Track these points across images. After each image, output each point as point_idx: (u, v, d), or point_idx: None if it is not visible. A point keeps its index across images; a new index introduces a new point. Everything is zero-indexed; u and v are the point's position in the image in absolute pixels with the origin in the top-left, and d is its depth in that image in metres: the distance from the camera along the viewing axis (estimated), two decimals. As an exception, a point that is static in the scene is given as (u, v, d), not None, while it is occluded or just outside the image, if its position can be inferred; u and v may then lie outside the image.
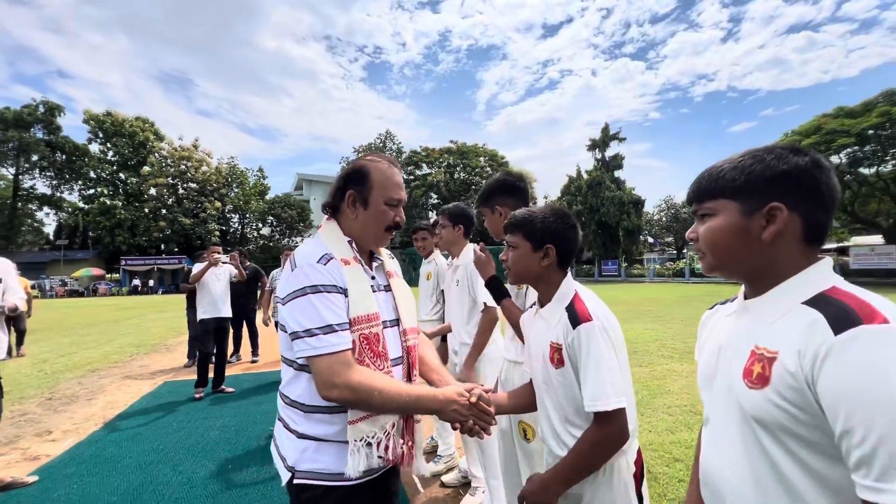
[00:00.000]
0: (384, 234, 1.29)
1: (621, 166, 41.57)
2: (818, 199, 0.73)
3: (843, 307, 0.64)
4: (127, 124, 39.88)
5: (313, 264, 1.14)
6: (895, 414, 0.55)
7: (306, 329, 1.08)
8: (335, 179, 1.31)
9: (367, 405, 1.10)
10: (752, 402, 0.70)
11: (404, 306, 1.34)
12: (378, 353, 1.17)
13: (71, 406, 4.77)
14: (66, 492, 2.84)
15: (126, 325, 12.69)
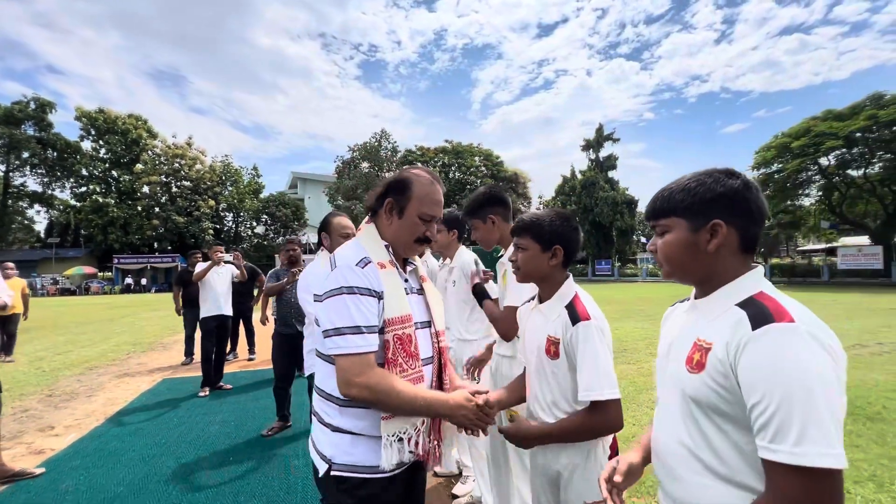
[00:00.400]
0: (413, 246, 1.34)
1: (615, 167, 41.91)
2: (750, 216, 0.87)
3: (762, 308, 0.79)
4: (119, 121, 39.61)
5: (352, 266, 1.20)
6: (788, 389, 0.69)
7: (336, 327, 1.14)
8: (380, 184, 1.37)
9: (383, 406, 1.15)
10: (691, 384, 0.85)
11: (436, 309, 1.40)
12: (410, 353, 1.23)
13: (71, 403, 4.85)
14: (73, 482, 2.95)
15: (120, 323, 12.71)
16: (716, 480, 0.82)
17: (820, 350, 0.72)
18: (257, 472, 3.08)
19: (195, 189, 39.89)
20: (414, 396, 1.16)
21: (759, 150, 26.79)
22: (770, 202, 27.01)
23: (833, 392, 0.71)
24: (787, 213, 28.61)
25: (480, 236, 2.23)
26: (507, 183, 46.25)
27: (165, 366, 6.74)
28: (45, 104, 38.86)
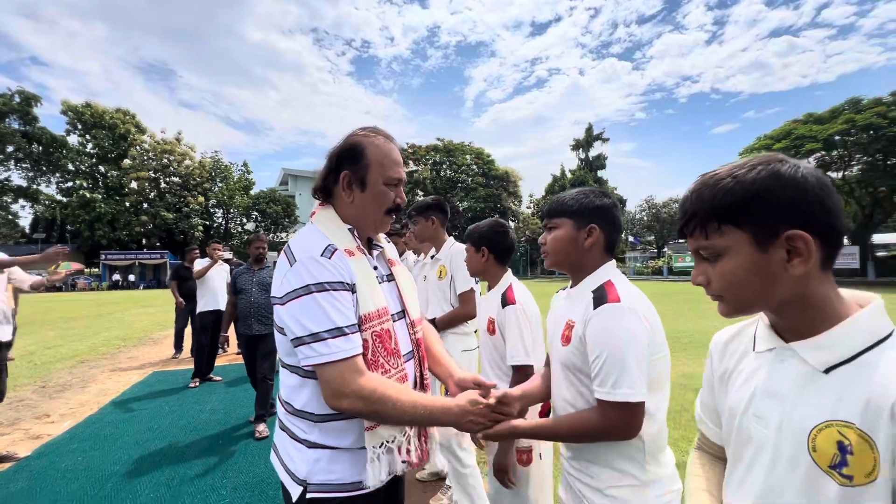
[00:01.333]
0: (385, 218, 1.18)
1: (604, 166, 42.52)
2: (615, 226, 1.18)
3: (603, 293, 1.08)
4: (107, 116, 39.12)
5: (316, 258, 1.02)
6: (610, 349, 1.00)
7: (312, 333, 0.98)
8: (326, 159, 1.18)
9: (378, 416, 1.00)
10: (564, 355, 1.14)
11: (409, 296, 1.25)
12: (391, 351, 1.09)
13: (65, 393, 5.02)
14: (71, 463, 3.16)
15: (109, 319, 12.76)
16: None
17: (635, 319, 1.02)
18: (245, 453, 3.31)
19: (184, 185, 39.60)
20: (413, 404, 1.00)
21: (743, 152, 27.39)
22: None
23: (640, 349, 1.00)
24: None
25: (418, 231, 2.53)
26: (498, 181, 46.56)
27: (156, 360, 6.91)
28: (30, 97, 38.24)
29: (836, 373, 0.61)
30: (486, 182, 45.77)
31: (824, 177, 0.63)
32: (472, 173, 46.68)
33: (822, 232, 0.61)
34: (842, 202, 0.66)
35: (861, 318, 0.62)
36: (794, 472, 0.62)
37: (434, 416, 1.04)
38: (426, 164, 45.72)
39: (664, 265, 34.20)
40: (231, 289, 4.10)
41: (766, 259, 0.64)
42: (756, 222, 0.63)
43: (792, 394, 0.65)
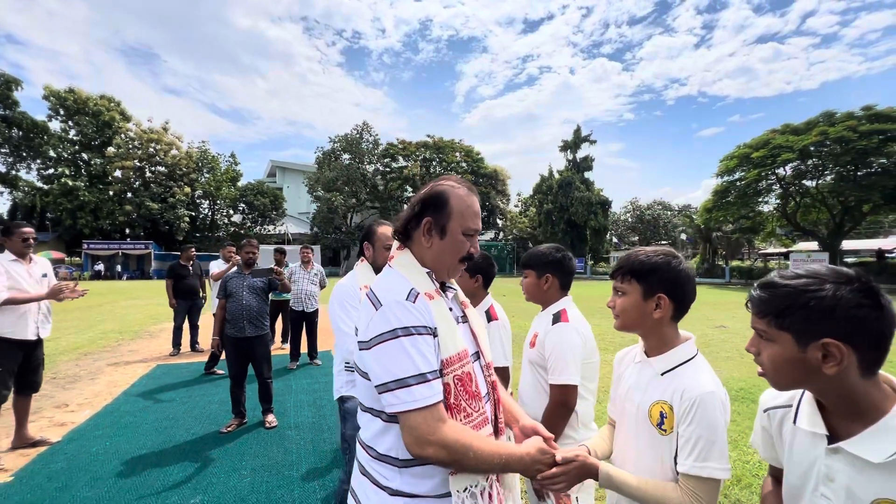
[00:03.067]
0: (459, 265, 1.20)
1: (591, 167, 43.23)
2: (564, 272, 1.71)
3: (559, 316, 1.61)
4: (91, 102, 38.36)
5: (402, 302, 1.04)
6: (555, 352, 1.53)
7: (398, 379, 0.98)
8: (409, 204, 1.22)
9: (458, 465, 1.00)
10: (531, 355, 1.67)
11: (482, 338, 1.27)
12: (472, 394, 1.09)
13: (76, 384, 5.32)
14: (101, 447, 3.52)
15: (100, 311, 12.87)
16: (542, 399, 1.66)
17: (576, 335, 1.57)
18: (258, 440, 3.70)
19: (170, 175, 39.14)
20: (491, 453, 1.01)
21: (723, 160, 28.34)
22: (731, 208, 28.73)
23: (577, 353, 1.56)
24: (747, 219, 30.37)
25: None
26: (487, 179, 47.06)
27: (156, 354, 7.19)
28: (10, 81, 37.21)
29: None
30: (475, 180, 46.25)
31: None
32: (462, 171, 47.05)
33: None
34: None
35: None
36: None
37: (509, 464, 1.06)
38: (416, 161, 45.92)
39: (646, 266, 35.09)
40: (221, 292, 4.17)
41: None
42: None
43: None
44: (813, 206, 28.04)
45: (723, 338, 8.28)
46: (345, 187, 41.42)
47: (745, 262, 38.60)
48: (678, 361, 1.18)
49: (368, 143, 45.12)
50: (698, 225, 33.43)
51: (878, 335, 0.78)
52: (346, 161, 43.23)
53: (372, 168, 45.27)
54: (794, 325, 0.83)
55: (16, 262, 3.42)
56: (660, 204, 54.07)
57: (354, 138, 44.21)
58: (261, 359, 4.16)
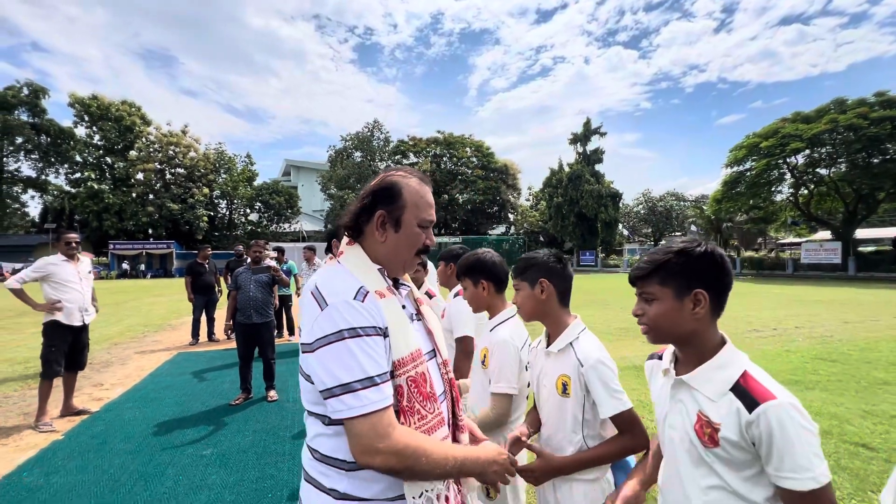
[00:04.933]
0: (414, 259, 1.16)
1: (601, 160, 43.06)
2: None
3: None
4: (113, 108, 39.95)
5: (349, 301, 0.97)
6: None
7: (343, 384, 0.92)
8: (358, 197, 1.15)
9: (410, 472, 0.94)
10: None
11: (438, 335, 1.22)
12: (427, 395, 1.04)
13: (109, 368, 6.08)
14: (132, 416, 4.21)
15: (126, 307, 13.84)
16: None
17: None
18: (261, 411, 4.35)
19: (189, 176, 40.50)
20: (445, 458, 0.97)
21: (732, 150, 28.13)
22: (741, 198, 28.50)
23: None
24: (759, 209, 30.08)
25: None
26: (497, 174, 47.30)
27: (178, 343, 7.95)
28: (38, 90, 39.11)
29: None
30: (485, 175, 46.50)
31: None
32: (472, 166, 47.34)
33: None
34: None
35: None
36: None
37: (465, 466, 1.02)
38: (427, 157, 46.44)
39: (656, 258, 35.00)
40: (232, 285, 4.88)
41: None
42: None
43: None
44: (827, 195, 27.66)
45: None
46: (357, 185, 42.19)
47: (759, 252, 38.14)
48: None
49: (379, 141, 45.84)
50: (709, 216, 33.19)
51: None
52: (357, 159, 44.04)
53: (383, 165, 45.98)
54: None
55: (66, 262, 4.15)
56: (673, 195, 53.46)
57: (366, 136, 44.99)
58: (265, 343, 4.83)
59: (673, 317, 1.04)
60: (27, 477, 3.08)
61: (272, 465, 3.19)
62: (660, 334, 1.08)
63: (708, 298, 1.01)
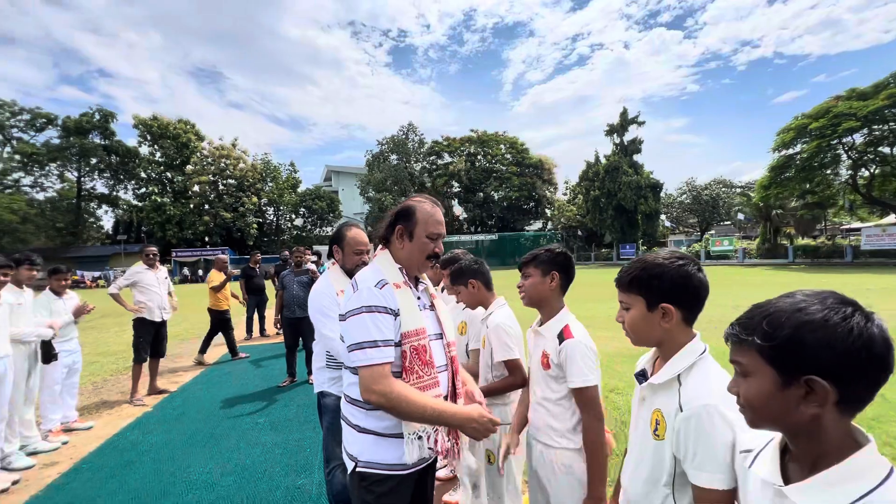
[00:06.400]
0: (426, 262, 1.49)
1: (639, 150, 41.79)
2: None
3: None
4: (171, 127, 43.40)
5: (371, 288, 1.36)
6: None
7: (357, 342, 1.31)
8: (387, 216, 1.52)
9: (396, 412, 1.29)
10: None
11: (446, 322, 1.56)
12: (426, 362, 1.38)
13: (181, 359, 7.16)
14: (201, 394, 5.15)
15: (191, 308, 15.41)
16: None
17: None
18: (303, 391, 5.15)
19: (239, 186, 43.25)
20: (424, 406, 1.29)
21: (780, 132, 26.66)
22: (790, 183, 26.94)
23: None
24: (813, 193, 28.32)
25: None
26: (532, 170, 47.10)
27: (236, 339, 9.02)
28: (107, 114, 43.19)
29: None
30: (520, 171, 46.44)
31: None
32: (507, 163, 47.38)
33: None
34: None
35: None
36: None
37: (443, 417, 1.32)
38: (461, 156, 46.98)
39: (701, 249, 33.77)
40: (279, 286, 5.84)
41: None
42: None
43: None
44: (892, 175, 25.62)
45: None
46: (394, 187, 43.33)
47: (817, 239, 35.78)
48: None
49: (414, 143, 46.89)
50: (756, 203, 31.56)
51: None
52: (393, 162, 45.29)
53: (419, 167, 46.96)
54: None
55: (147, 270, 5.14)
56: (720, 182, 50.93)
57: (401, 139, 46.13)
58: (307, 334, 5.63)
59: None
60: (129, 436, 4.00)
61: (310, 430, 3.93)
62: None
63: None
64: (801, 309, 0.72)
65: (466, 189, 46.33)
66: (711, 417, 0.94)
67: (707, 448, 0.95)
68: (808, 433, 0.74)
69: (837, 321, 0.69)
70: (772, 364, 0.73)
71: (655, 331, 1.12)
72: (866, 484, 0.68)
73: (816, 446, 0.73)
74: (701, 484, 0.96)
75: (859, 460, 0.70)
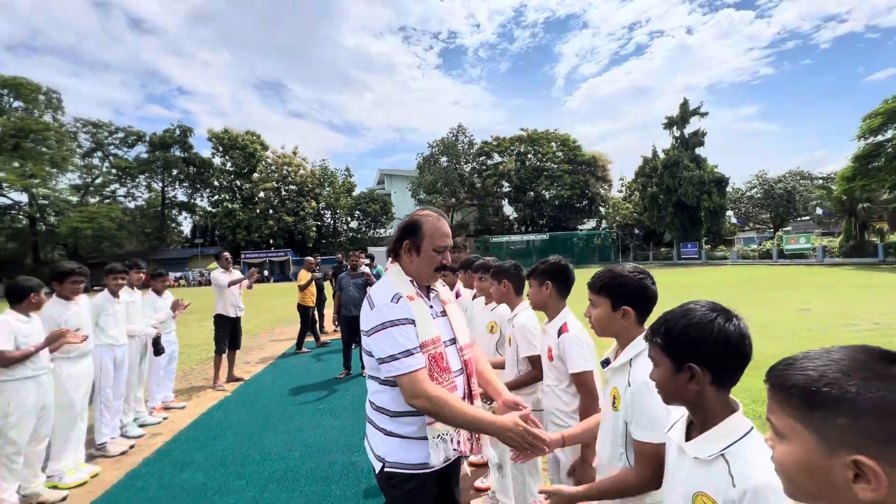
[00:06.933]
0: (434, 274, 1.57)
1: (702, 143, 39.43)
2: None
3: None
4: (240, 139, 46.99)
5: (388, 303, 1.45)
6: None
7: (391, 355, 1.39)
8: (395, 230, 1.59)
9: (438, 416, 1.38)
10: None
11: (459, 327, 1.63)
12: (443, 368, 1.47)
13: (252, 353, 8.04)
14: (271, 383, 5.85)
15: (259, 307, 16.85)
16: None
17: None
18: (356, 381, 5.68)
19: (300, 192, 45.89)
20: (464, 412, 1.37)
21: (865, 118, 24.13)
22: (879, 174, 24.30)
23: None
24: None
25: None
26: (585, 167, 45.91)
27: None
28: (185, 129, 47.63)
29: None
30: (572, 169, 45.43)
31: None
32: (558, 161, 46.53)
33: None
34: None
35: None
36: None
37: (480, 425, 1.40)
38: (511, 156, 46.76)
39: (773, 247, 31.25)
40: (336, 286, 6.47)
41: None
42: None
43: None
44: None
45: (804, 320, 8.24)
46: (444, 188, 44.00)
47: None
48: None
49: (464, 144, 47.34)
50: (838, 196, 28.67)
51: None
52: (444, 163, 46.02)
53: (469, 167, 47.35)
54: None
55: (224, 273, 5.92)
56: (796, 174, 46.73)
57: (451, 141, 46.71)
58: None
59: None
60: (214, 415, 4.72)
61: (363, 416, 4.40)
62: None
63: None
64: (685, 315, 0.99)
65: (517, 188, 46.04)
66: (650, 391, 1.15)
67: (645, 413, 1.23)
68: (696, 405, 0.99)
69: (706, 322, 0.96)
70: (668, 356, 1.00)
71: (616, 326, 1.40)
72: (732, 438, 0.93)
73: (703, 414, 0.99)
74: (641, 439, 1.23)
75: (730, 422, 0.95)
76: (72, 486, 3.23)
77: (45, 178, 33.85)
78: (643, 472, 1.20)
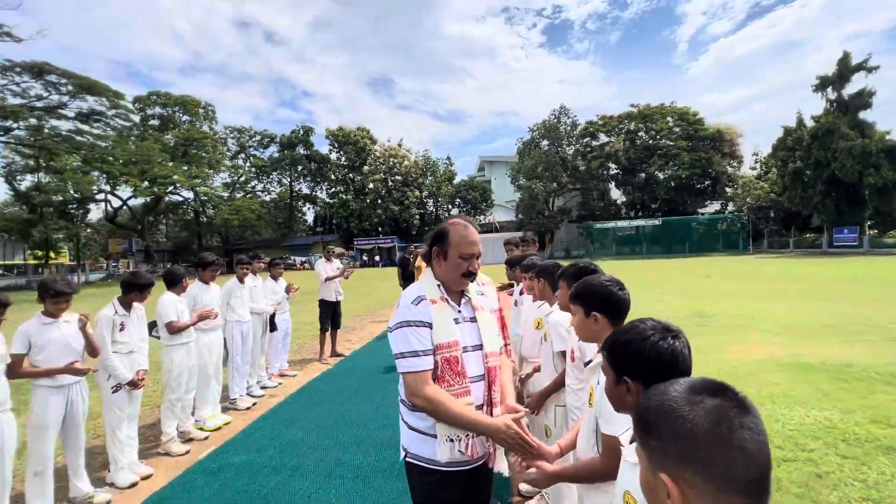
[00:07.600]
0: (462, 280, 1.65)
1: (869, 105, 32.23)
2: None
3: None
4: (352, 135, 51.08)
5: (409, 305, 1.57)
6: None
7: (401, 352, 1.52)
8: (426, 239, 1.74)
9: (434, 415, 1.48)
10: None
11: (487, 334, 1.67)
12: (457, 372, 1.53)
13: (353, 332, 9.05)
14: (366, 360, 6.61)
15: (366, 289, 18.52)
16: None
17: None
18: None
19: (405, 182, 48.40)
20: (460, 413, 1.46)
21: None
22: None
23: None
24: None
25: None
26: (707, 143, 40.76)
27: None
28: (307, 129, 53.28)
29: None
30: (691, 145, 40.64)
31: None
32: (674, 137, 42.03)
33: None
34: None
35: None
36: None
37: (476, 426, 1.48)
38: (619, 134, 43.47)
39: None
40: (402, 276, 7.01)
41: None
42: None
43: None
44: None
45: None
46: (545, 173, 42.74)
47: None
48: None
49: (566, 126, 45.28)
50: None
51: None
52: (545, 147, 44.60)
53: (571, 150, 45.26)
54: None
55: (327, 263, 6.82)
56: None
57: (552, 124, 44.96)
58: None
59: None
60: (318, 384, 5.55)
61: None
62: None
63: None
64: (628, 331, 1.09)
65: (625, 170, 42.76)
66: None
67: (608, 409, 1.28)
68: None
69: (640, 340, 1.04)
70: (612, 369, 1.10)
71: (590, 330, 1.50)
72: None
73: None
74: (605, 432, 1.33)
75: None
76: (211, 430, 4.19)
77: (205, 178, 40.79)
78: (606, 462, 1.30)
